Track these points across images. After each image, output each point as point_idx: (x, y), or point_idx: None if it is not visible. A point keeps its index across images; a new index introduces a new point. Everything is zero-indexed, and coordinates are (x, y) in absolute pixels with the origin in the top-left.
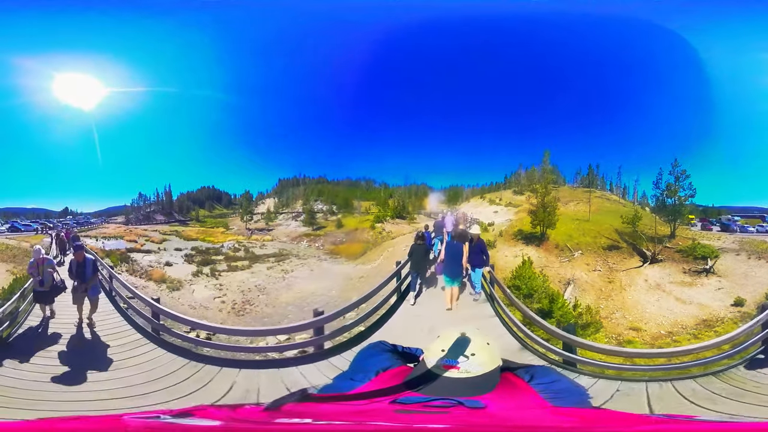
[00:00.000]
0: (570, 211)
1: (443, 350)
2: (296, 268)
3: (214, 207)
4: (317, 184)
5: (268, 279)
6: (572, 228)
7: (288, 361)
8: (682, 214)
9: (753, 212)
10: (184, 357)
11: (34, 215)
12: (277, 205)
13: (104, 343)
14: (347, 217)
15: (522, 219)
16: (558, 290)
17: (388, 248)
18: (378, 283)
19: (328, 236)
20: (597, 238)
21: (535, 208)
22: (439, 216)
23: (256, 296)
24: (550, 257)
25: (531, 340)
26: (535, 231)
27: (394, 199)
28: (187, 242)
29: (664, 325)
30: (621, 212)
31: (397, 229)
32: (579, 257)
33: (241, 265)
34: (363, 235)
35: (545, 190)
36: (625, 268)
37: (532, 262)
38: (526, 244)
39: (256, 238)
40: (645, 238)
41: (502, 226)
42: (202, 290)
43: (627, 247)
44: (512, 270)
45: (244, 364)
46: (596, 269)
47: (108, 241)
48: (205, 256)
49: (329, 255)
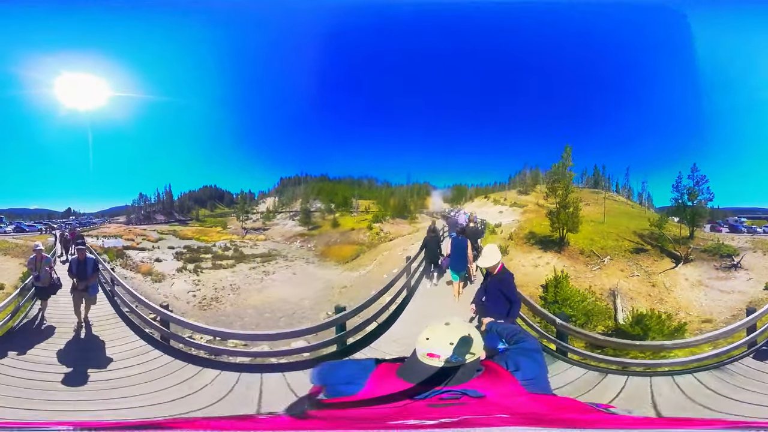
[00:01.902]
0: (581, 213)
1: (428, 338)
2: (279, 270)
3: (216, 206)
4: (319, 182)
5: (246, 279)
6: (590, 231)
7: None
8: (702, 217)
9: (757, 213)
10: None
11: (38, 216)
12: (277, 204)
13: (100, 343)
14: (345, 217)
15: (531, 220)
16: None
17: (383, 252)
18: (363, 294)
19: (323, 236)
20: (619, 242)
21: (555, 209)
22: (452, 213)
23: (226, 294)
24: (578, 265)
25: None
26: (552, 235)
27: (395, 197)
28: (181, 241)
29: (724, 312)
30: (631, 214)
31: (397, 230)
32: (609, 263)
33: (226, 263)
34: (359, 236)
35: (567, 190)
36: (660, 270)
37: (567, 276)
38: (544, 249)
39: (250, 238)
40: (669, 240)
41: (510, 228)
42: (181, 284)
43: (653, 249)
44: (540, 285)
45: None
46: (633, 275)
47: (107, 239)
48: (195, 254)
49: (319, 257)
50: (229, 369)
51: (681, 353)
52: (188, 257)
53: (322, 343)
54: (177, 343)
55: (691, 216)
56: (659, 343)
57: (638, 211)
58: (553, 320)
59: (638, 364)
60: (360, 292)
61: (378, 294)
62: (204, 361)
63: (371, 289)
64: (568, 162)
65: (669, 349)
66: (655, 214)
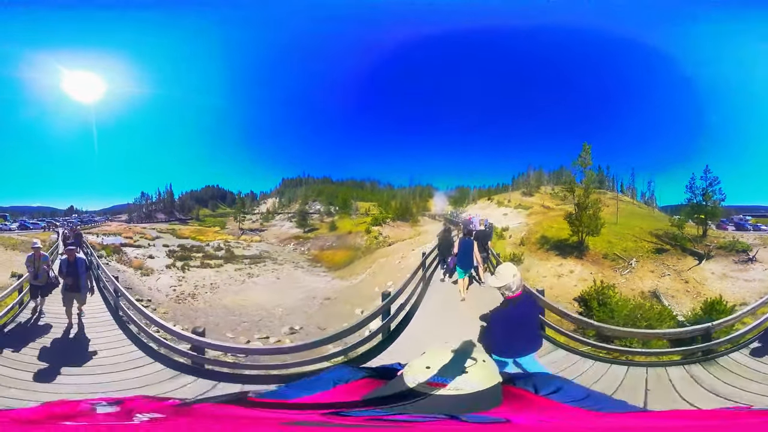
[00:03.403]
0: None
1: (428, 367)
2: (264, 273)
3: (218, 206)
4: (321, 184)
5: (228, 279)
6: (605, 233)
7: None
8: (717, 216)
9: (760, 211)
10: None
11: (40, 213)
12: (277, 205)
13: (87, 344)
14: (344, 219)
15: (540, 222)
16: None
17: (379, 259)
18: (345, 312)
19: (318, 239)
20: (638, 243)
21: (573, 211)
22: (466, 216)
23: (203, 292)
24: (605, 270)
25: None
26: (567, 238)
27: (397, 199)
28: (177, 240)
29: (753, 296)
30: (640, 214)
31: (397, 233)
32: (637, 265)
33: (214, 263)
34: (356, 240)
35: (588, 190)
36: (687, 268)
37: (614, 287)
38: (562, 255)
39: (244, 239)
40: (688, 239)
41: (519, 232)
42: (166, 279)
43: (673, 249)
44: (572, 298)
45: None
46: (665, 274)
47: (107, 237)
48: (187, 253)
49: (310, 262)
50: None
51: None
52: (179, 255)
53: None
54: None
55: (706, 215)
56: None
57: (646, 211)
58: (707, 329)
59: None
60: (343, 307)
61: (358, 324)
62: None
63: (356, 306)
64: (588, 160)
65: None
66: (662, 214)
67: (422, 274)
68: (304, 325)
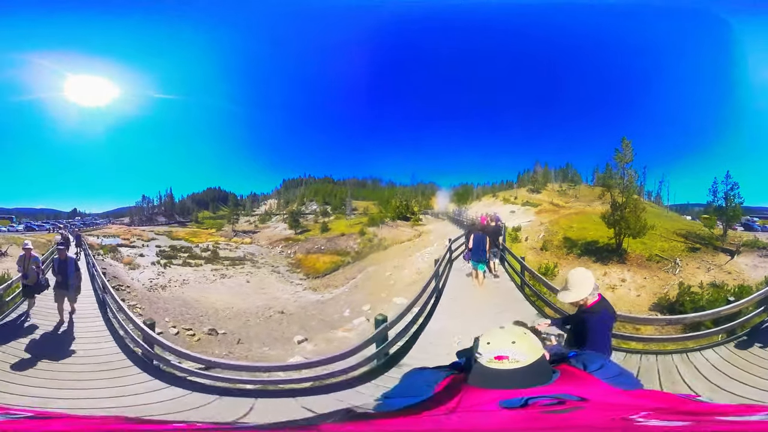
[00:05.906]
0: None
1: (489, 342)
2: (238, 275)
3: (220, 208)
4: (323, 184)
5: (200, 278)
6: None
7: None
8: (736, 218)
9: (764, 213)
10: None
11: (44, 216)
12: (277, 206)
13: (72, 341)
14: (340, 219)
15: (557, 222)
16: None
17: (368, 267)
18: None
19: (307, 242)
20: (669, 242)
21: (610, 212)
22: (483, 214)
23: (173, 286)
24: (656, 272)
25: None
26: (597, 240)
27: (397, 198)
28: (171, 241)
29: None
30: (657, 214)
31: (394, 234)
32: (682, 263)
33: (195, 262)
34: (347, 243)
35: (630, 190)
36: (723, 262)
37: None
38: (602, 261)
39: (235, 240)
40: (717, 238)
41: (535, 233)
42: (148, 273)
43: (704, 247)
44: (648, 308)
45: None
46: (710, 269)
47: (106, 239)
48: (174, 252)
49: (290, 267)
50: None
51: None
52: (167, 254)
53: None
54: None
55: (728, 217)
56: None
57: (659, 211)
58: None
59: None
60: (287, 329)
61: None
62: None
63: (299, 334)
64: (628, 156)
65: None
66: (675, 213)
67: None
68: (232, 332)
